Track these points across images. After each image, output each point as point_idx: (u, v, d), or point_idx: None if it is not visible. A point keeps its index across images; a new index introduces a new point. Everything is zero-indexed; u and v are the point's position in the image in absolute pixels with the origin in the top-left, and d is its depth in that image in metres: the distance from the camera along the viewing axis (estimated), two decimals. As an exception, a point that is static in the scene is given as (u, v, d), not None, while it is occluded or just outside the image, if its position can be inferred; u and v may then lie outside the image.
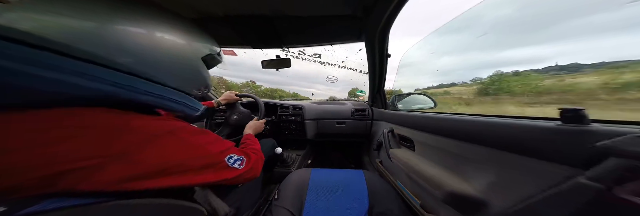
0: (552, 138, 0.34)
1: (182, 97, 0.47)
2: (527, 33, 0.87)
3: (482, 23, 0.96)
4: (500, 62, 1.07)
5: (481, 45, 1.09)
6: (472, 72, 1.36)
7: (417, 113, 0.89)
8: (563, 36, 0.71)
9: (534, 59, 0.81)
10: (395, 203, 0.69)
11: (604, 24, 0.56)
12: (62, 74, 0.29)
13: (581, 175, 0.28)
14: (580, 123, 0.31)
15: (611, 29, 0.54)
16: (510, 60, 1.00)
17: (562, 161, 0.32)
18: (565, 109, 0.33)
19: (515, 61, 0.99)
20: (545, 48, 0.78)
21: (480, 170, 0.48)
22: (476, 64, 1.32)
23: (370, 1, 0.73)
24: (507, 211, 0.38)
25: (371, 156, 1.44)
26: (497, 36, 1.02)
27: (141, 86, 0.38)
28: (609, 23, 0.55)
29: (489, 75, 1.12)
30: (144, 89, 0.38)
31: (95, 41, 0.32)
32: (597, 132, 0.29)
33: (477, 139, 0.50)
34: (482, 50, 1.15)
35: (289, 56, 1.34)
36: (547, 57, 0.76)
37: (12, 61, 0.26)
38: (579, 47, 0.65)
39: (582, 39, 0.63)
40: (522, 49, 0.91)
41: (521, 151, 0.39)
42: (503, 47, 1.05)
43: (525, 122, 0.40)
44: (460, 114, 0.65)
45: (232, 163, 0.49)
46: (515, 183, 0.39)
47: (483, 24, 0.97)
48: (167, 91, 0.43)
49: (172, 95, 0.44)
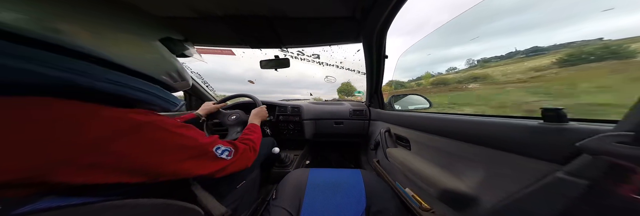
0: (535, 136, 0.36)
1: (151, 87, 0.44)
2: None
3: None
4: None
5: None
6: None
7: (413, 113, 0.90)
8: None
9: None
10: (393, 202, 0.70)
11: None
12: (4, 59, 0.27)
13: (560, 170, 0.30)
14: (560, 122, 0.33)
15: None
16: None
17: (544, 157, 0.34)
18: (546, 108, 0.35)
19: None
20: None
21: (473, 168, 0.50)
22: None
23: (368, 3, 0.74)
24: (497, 205, 0.40)
25: (369, 156, 1.45)
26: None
27: (97, 71, 0.34)
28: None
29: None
30: (106, 77, 0.35)
31: (34, 20, 0.29)
32: (574, 130, 0.31)
33: (469, 138, 0.51)
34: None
35: (287, 56, 1.34)
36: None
37: None
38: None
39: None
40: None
41: (509, 148, 0.41)
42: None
43: (512, 121, 0.42)
44: (453, 114, 0.66)
45: (220, 153, 0.49)
46: (504, 179, 0.41)
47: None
48: (131, 80, 0.40)
49: (137, 84, 0.41)
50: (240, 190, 0.74)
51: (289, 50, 1.34)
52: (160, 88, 0.47)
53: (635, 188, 0.23)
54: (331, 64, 1.75)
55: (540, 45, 0.79)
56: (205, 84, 1.61)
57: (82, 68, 0.33)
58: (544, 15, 0.81)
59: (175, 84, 0.54)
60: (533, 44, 0.80)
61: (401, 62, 1.32)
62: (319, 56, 1.57)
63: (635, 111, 0.25)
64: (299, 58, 1.53)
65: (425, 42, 1.13)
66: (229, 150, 0.52)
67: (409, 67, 1.89)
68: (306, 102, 1.71)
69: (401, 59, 1.30)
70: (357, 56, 1.42)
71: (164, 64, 0.50)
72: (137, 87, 0.41)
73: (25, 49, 0.28)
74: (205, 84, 1.62)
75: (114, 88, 0.37)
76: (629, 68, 0.54)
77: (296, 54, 1.47)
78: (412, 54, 1.33)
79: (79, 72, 0.32)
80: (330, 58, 1.66)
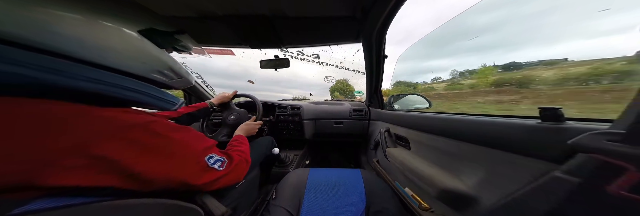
0: (533, 135, 0.36)
1: (144, 87, 0.42)
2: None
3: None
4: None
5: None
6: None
7: (413, 113, 0.90)
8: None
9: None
10: (392, 202, 0.70)
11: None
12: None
13: (557, 169, 0.30)
14: (557, 121, 0.34)
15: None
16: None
17: (541, 156, 0.35)
18: (544, 108, 0.35)
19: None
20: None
21: (472, 167, 0.50)
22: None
23: (368, 3, 0.74)
24: (495, 204, 0.40)
25: (368, 156, 1.45)
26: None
27: (78, 70, 0.32)
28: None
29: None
30: (84, 75, 0.33)
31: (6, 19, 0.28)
32: (570, 129, 0.32)
33: (468, 138, 0.51)
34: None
35: (287, 56, 1.34)
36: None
37: None
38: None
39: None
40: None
41: (507, 148, 0.41)
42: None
43: (510, 120, 0.42)
44: (453, 114, 0.66)
45: (212, 163, 0.45)
46: (503, 179, 0.41)
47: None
48: (119, 78, 0.38)
49: (128, 83, 0.39)
50: (239, 189, 0.74)
51: (288, 50, 1.34)
52: (155, 87, 0.44)
53: (626, 185, 0.23)
54: (331, 64, 1.76)
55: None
56: (205, 84, 1.61)
57: (58, 66, 0.31)
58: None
59: (171, 82, 0.51)
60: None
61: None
62: (318, 56, 1.58)
63: (630, 110, 0.26)
64: (298, 58, 1.53)
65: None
66: (222, 160, 0.48)
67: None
68: (306, 103, 1.72)
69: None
70: (356, 56, 1.43)
71: (151, 61, 0.46)
72: (128, 87, 0.39)
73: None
74: (205, 84, 1.62)
75: (100, 88, 0.34)
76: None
77: (296, 54, 1.47)
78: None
79: (54, 71, 0.30)
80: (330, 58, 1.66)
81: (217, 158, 0.47)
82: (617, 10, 0.46)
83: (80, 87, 0.32)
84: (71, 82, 0.31)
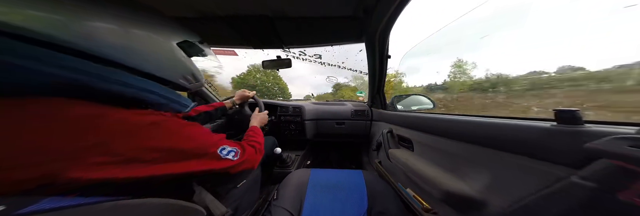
0: (548, 138, 0.35)
1: (165, 91, 0.45)
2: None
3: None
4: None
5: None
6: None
7: (417, 114, 0.89)
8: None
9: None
10: (394, 203, 0.69)
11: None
12: (22, 60, 0.27)
13: (574, 175, 0.29)
14: (575, 124, 0.32)
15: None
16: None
17: (557, 160, 0.33)
18: (561, 110, 0.34)
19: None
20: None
21: (478, 170, 0.49)
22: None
23: (371, 2, 0.73)
24: (504, 210, 0.39)
25: (370, 157, 1.44)
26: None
27: (111, 74, 0.35)
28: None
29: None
30: (116, 78, 0.36)
31: (56, 24, 0.30)
32: (590, 132, 0.30)
33: (476, 140, 0.50)
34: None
35: (289, 56, 1.34)
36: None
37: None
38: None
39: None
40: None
41: (518, 151, 0.39)
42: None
43: (522, 122, 0.41)
44: (458, 115, 0.65)
45: (226, 154, 0.48)
46: (512, 183, 0.40)
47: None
48: (146, 83, 0.41)
49: (152, 87, 0.42)
50: (241, 189, 0.74)
51: (290, 50, 1.34)
52: (174, 92, 0.48)
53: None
54: (333, 64, 1.75)
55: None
56: (209, 85, 1.62)
57: (98, 71, 0.34)
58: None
59: (189, 85, 0.54)
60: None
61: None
62: (320, 56, 1.57)
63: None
64: (300, 58, 1.53)
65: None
66: (235, 151, 0.52)
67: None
68: (307, 103, 1.71)
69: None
70: (359, 56, 1.42)
71: (181, 68, 0.51)
72: (152, 90, 0.42)
73: (37, 49, 0.29)
74: (209, 84, 1.62)
75: (131, 91, 0.38)
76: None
77: (298, 54, 1.47)
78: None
79: (94, 75, 0.33)
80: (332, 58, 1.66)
81: (230, 149, 0.51)
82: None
83: (109, 89, 0.35)
84: (104, 85, 0.35)
